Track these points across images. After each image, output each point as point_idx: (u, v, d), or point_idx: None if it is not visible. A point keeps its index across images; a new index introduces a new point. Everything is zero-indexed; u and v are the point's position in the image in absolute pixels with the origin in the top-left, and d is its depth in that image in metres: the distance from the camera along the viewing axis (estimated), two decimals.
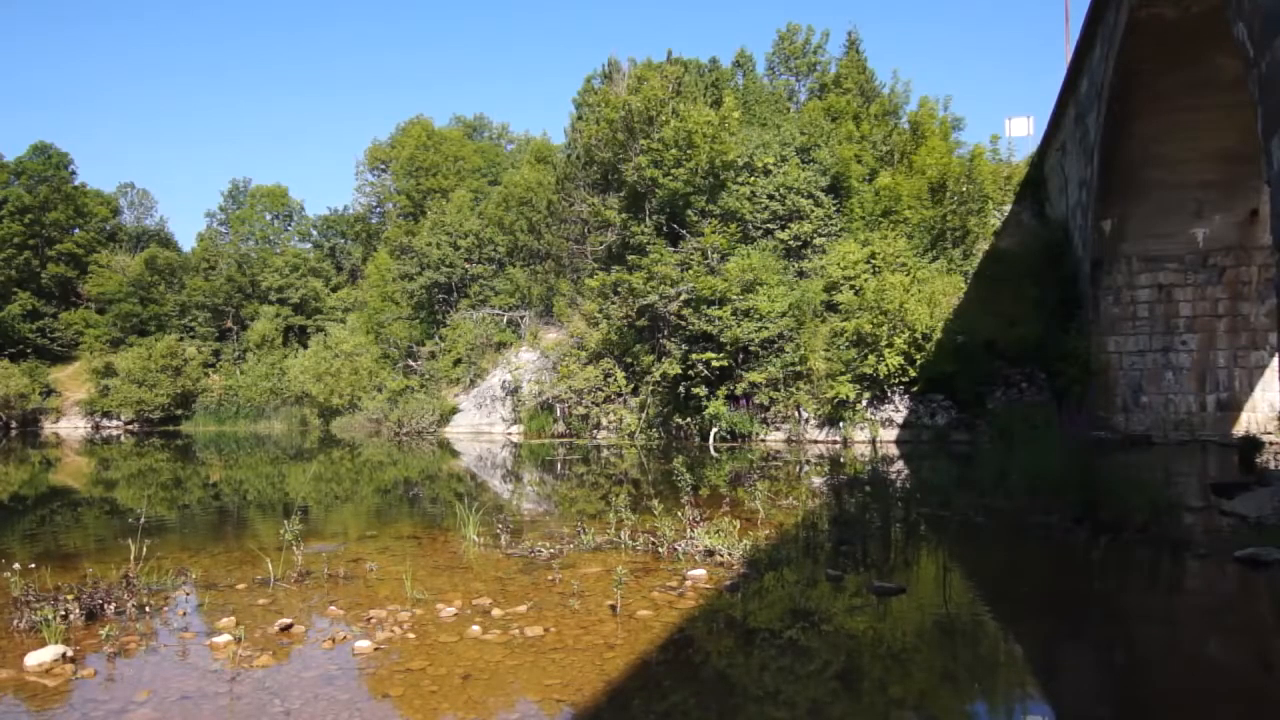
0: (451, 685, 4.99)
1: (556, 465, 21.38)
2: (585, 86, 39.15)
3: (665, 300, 27.40)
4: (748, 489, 13.39)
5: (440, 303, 40.22)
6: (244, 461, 25.28)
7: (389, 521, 12.35)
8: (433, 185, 45.21)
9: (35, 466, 25.06)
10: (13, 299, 48.79)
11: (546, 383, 31.54)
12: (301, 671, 5.28)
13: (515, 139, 57.18)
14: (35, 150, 51.95)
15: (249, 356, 48.46)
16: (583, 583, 7.41)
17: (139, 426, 44.92)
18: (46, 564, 8.12)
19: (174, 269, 52.62)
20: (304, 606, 6.88)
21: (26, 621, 6.21)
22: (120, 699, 4.84)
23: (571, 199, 34.93)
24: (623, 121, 30.85)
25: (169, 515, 13.28)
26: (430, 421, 34.70)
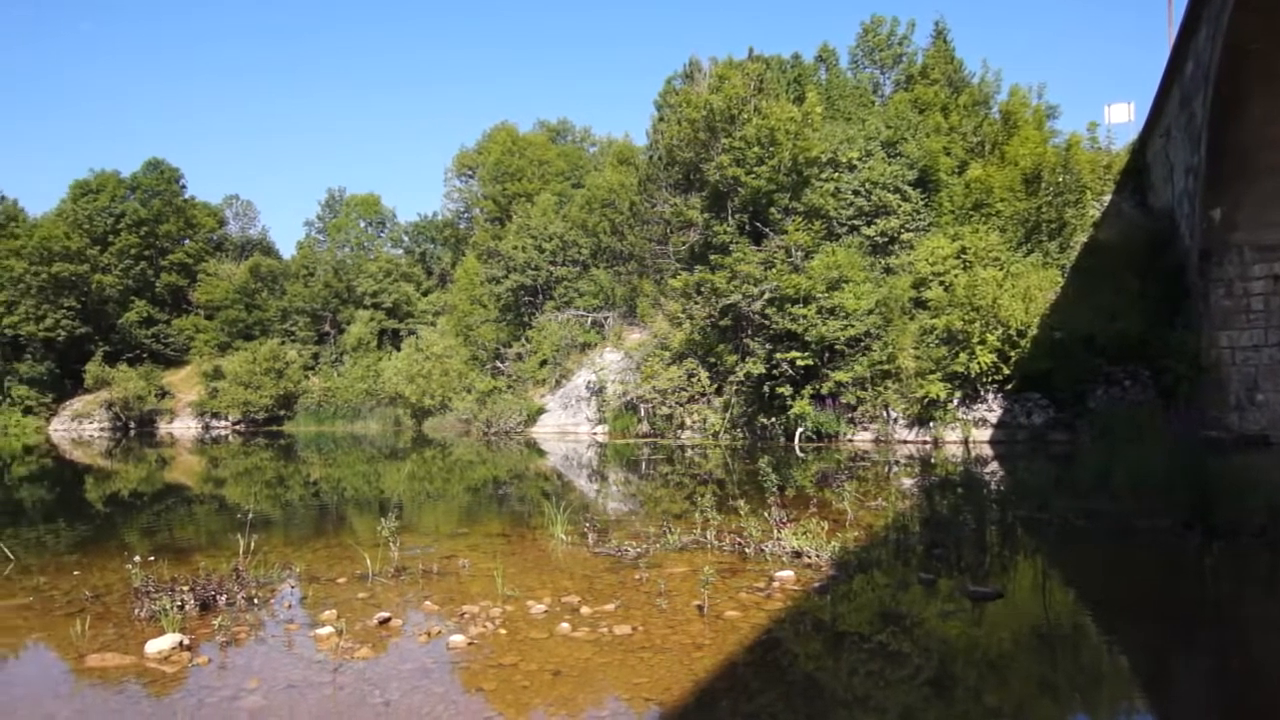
0: (542, 681, 5.10)
1: (641, 465, 21.49)
2: (666, 87, 39.25)
3: (749, 299, 27.23)
4: (835, 490, 13.20)
5: (526, 305, 40.89)
6: (342, 460, 26.25)
7: (479, 519, 12.66)
8: (518, 190, 46.02)
9: (151, 465, 26.58)
10: (130, 307, 51.79)
11: (630, 383, 31.70)
12: (399, 664, 5.48)
13: (597, 141, 57.74)
14: (149, 166, 55.06)
15: (346, 359, 50.28)
16: (669, 582, 7.46)
17: (245, 427, 47.12)
18: (163, 557, 8.65)
19: (275, 276, 55.01)
20: (401, 601, 7.12)
21: (146, 611, 6.62)
22: (232, 686, 5.12)
23: (654, 199, 35.04)
24: (704, 121, 30.79)
25: (273, 512, 13.92)
26: (517, 421, 35.32)
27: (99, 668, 5.49)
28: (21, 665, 5.81)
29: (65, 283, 47.82)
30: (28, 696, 5.05)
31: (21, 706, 4.83)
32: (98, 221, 50.69)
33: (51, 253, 47.34)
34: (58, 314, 47.64)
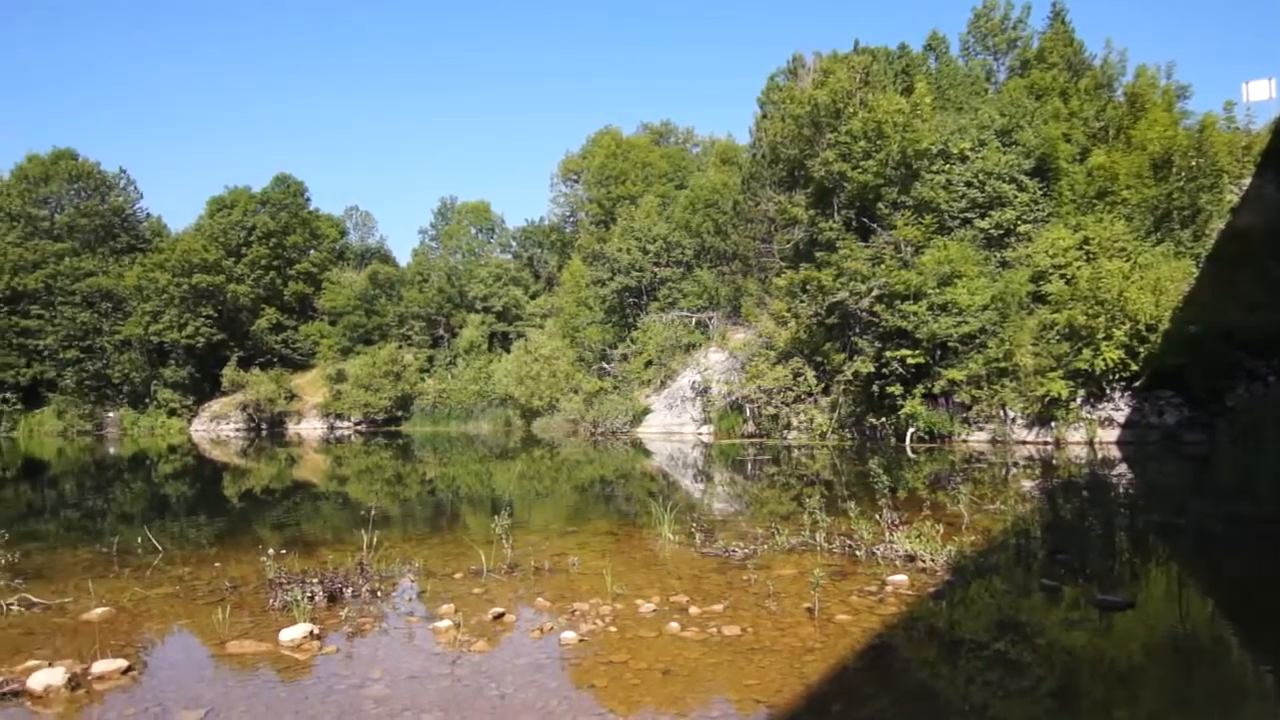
0: (652, 679, 5.15)
1: (747, 465, 21.36)
2: (769, 84, 38.85)
3: (856, 297, 26.67)
4: (950, 492, 12.79)
5: (631, 306, 41.23)
6: (455, 460, 27.11)
7: (587, 518, 12.86)
8: (622, 192, 46.47)
9: (281, 463, 28.13)
10: (261, 314, 54.91)
11: (735, 383, 31.55)
12: (514, 658, 5.64)
13: (700, 142, 57.69)
14: (277, 181, 58.28)
15: (459, 362, 51.90)
16: (778, 584, 7.40)
17: (366, 427, 49.26)
18: (293, 550, 9.15)
19: (393, 283, 57.30)
20: (513, 596, 7.32)
21: (280, 601, 7.02)
22: (358, 675, 5.38)
23: (757, 198, 34.77)
24: (809, 117, 30.35)
25: (393, 508, 14.52)
26: (623, 422, 35.66)
27: (238, 654, 5.86)
28: (170, 650, 6.26)
29: (204, 293, 51.12)
30: (176, 679, 5.44)
31: (170, 688, 5.21)
32: (232, 235, 53.99)
33: (191, 265, 50.70)
34: (197, 322, 50.97)
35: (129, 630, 6.52)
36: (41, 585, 7.91)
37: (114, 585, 7.98)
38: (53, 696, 4.98)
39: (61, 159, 53.55)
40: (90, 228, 53.35)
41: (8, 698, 4.94)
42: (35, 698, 4.96)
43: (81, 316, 50.59)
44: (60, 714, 4.75)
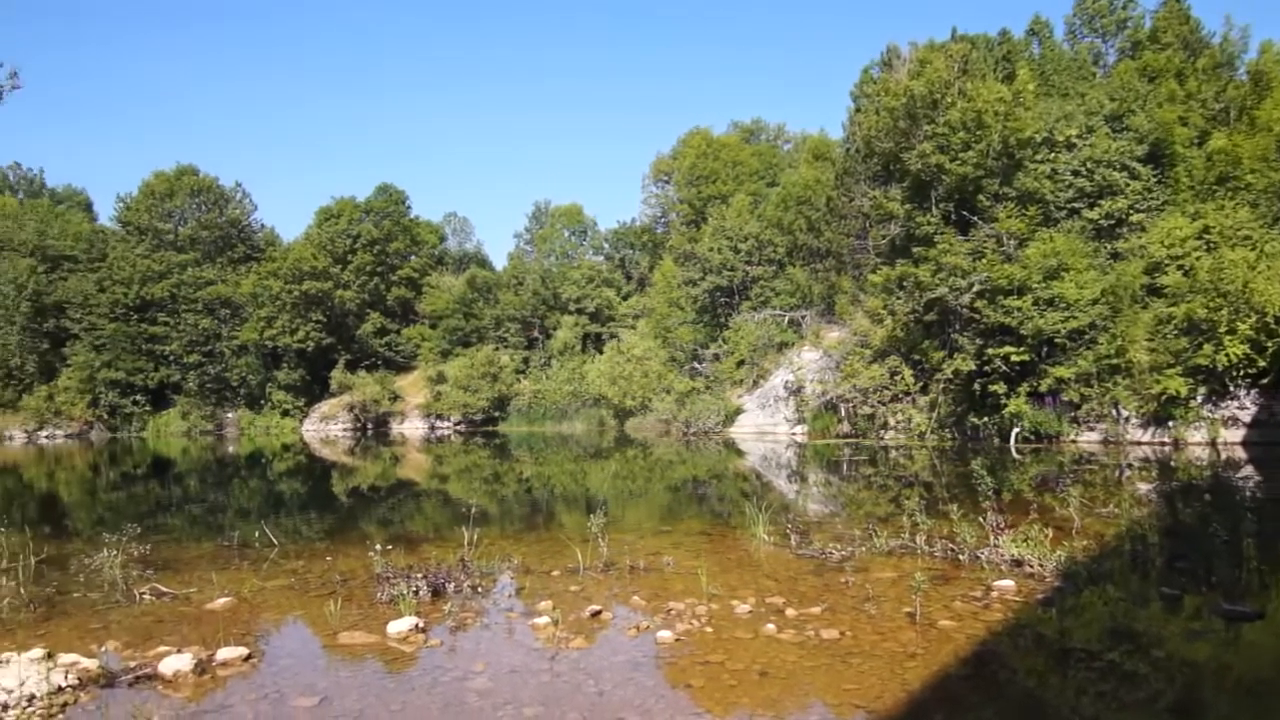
0: (749, 681, 5.13)
1: (842, 466, 21.01)
2: (863, 77, 38.10)
3: (956, 292, 25.86)
4: (1058, 495, 12.28)
5: (723, 306, 41.09)
6: (550, 459, 27.56)
7: (680, 518, 12.88)
8: (713, 192, 46.36)
9: (385, 462, 29.17)
10: (366, 318, 57.07)
11: (830, 382, 31.06)
12: (611, 656, 5.70)
13: (792, 138, 57.02)
14: (379, 190, 60.44)
15: (553, 363, 52.77)
16: (876, 587, 7.26)
17: (465, 427, 50.58)
18: (398, 545, 9.47)
19: (489, 286, 58.70)
20: (609, 594, 7.40)
21: (387, 595, 7.29)
22: (461, 668, 5.54)
23: (851, 194, 34.12)
24: (904, 109, 29.59)
25: (491, 506, 14.88)
26: (715, 422, 35.54)
27: (349, 644, 6.12)
28: (286, 639, 6.58)
29: (313, 299, 53.47)
30: (292, 667, 5.71)
31: (287, 676, 5.48)
32: (338, 243, 56.28)
33: (301, 272, 53.12)
34: (307, 326, 53.35)
35: (248, 619, 6.89)
36: (170, 576, 8.44)
37: (234, 576, 8.44)
38: (181, 681, 5.31)
39: (184, 175, 56.85)
40: (210, 239, 56.48)
41: (141, 680, 5.29)
42: (166, 681, 5.29)
43: (203, 323, 53.61)
44: (188, 698, 5.05)
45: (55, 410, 51.78)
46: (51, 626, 6.66)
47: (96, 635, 6.35)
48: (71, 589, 7.98)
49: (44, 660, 5.42)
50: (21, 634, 6.37)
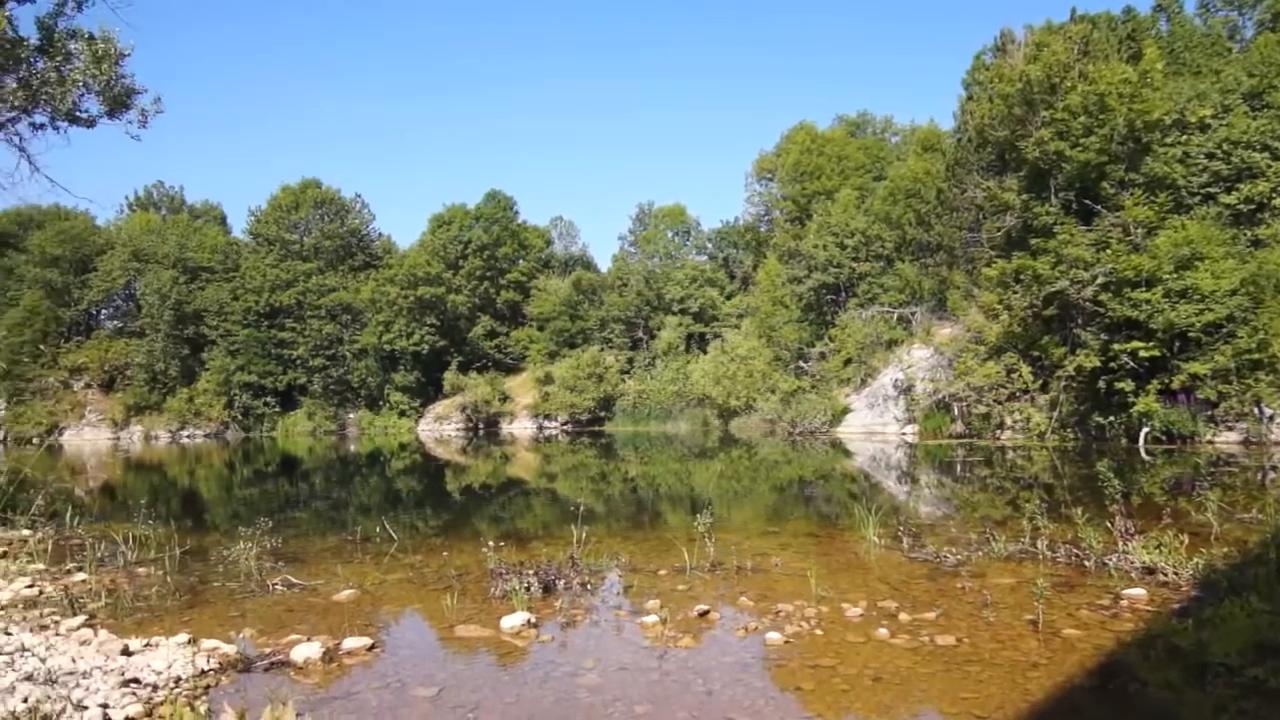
0: (861, 686, 5.03)
1: (955, 467, 20.32)
2: (975, 64, 36.73)
3: (1078, 285, 24.63)
4: (1194, 498, 11.52)
5: (829, 303, 40.40)
6: (656, 459, 27.71)
7: (787, 519, 12.73)
8: (817, 188, 45.63)
9: (496, 461, 29.96)
10: (477, 321, 58.87)
11: (942, 380, 30.12)
12: (719, 656, 5.70)
13: (900, 130, 55.52)
14: (489, 197, 62.21)
15: (657, 363, 53.10)
16: (995, 593, 6.99)
17: (571, 426, 51.45)
18: (509, 542, 9.73)
19: (594, 288, 59.56)
20: (716, 595, 7.39)
21: (500, 590, 7.50)
22: (572, 664, 5.64)
23: (963, 185, 32.94)
24: (1020, 95, 28.36)
25: (598, 505, 15.08)
26: (822, 421, 34.97)
27: (465, 637, 6.33)
28: (406, 631, 6.85)
29: (427, 303, 55.52)
30: (412, 658, 5.95)
31: (407, 666, 5.71)
32: (450, 249, 58.25)
33: (416, 278, 55.26)
34: (422, 330, 55.44)
35: (371, 611, 7.21)
36: (299, 568, 8.91)
37: (357, 570, 8.85)
38: (310, 668, 5.61)
39: (308, 188, 59.94)
40: (332, 248, 59.35)
41: (275, 666, 5.62)
42: (297, 668, 5.60)
43: (326, 328, 56.40)
44: (317, 684, 5.33)
45: (195, 411, 55.58)
46: (194, 614, 7.14)
47: (234, 622, 6.77)
48: (212, 579, 8.53)
49: (188, 645, 5.83)
50: (169, 620, 6.86)
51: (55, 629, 6.31)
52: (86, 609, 7.09)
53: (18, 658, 5.30)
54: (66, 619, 6.60)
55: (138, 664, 5.36)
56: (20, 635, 5.95)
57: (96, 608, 7.20)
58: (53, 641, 5.82)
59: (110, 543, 9.92)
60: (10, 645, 5.59)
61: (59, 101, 12.34)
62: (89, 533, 10.70)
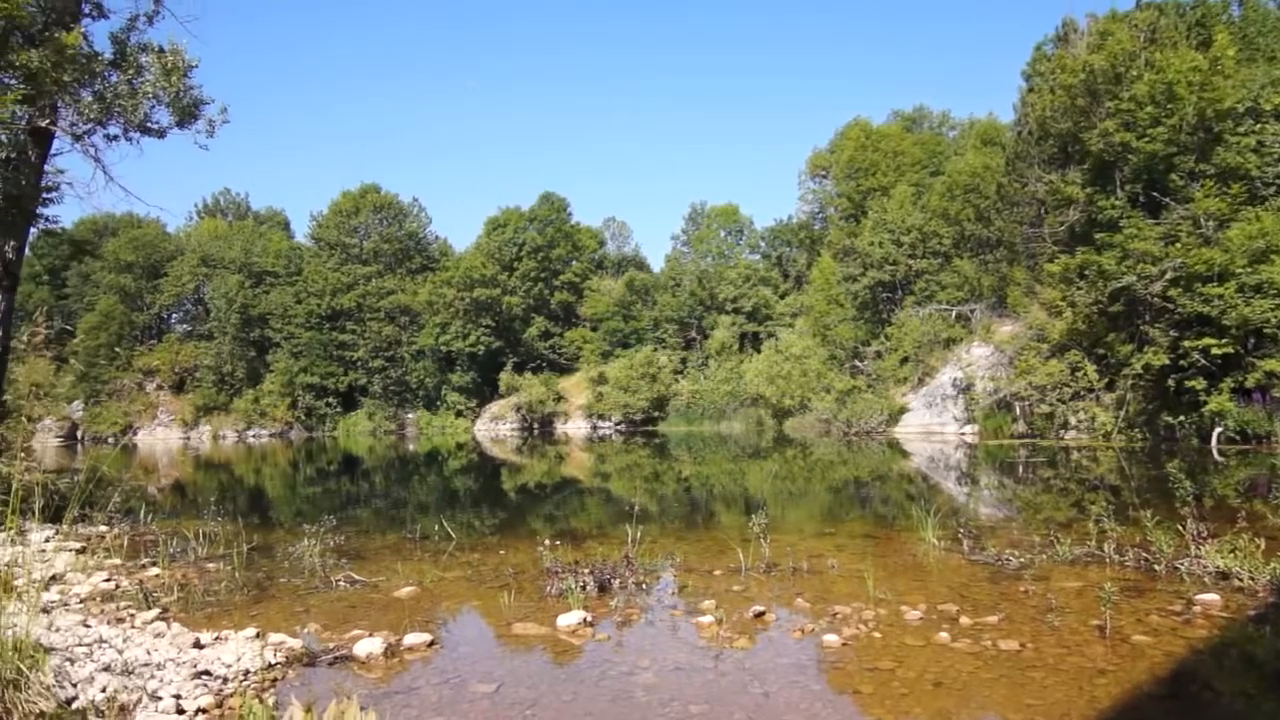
0: (922, 690, 4.95)
1: (1017, 468, 19.87)
2: (1036, 55, 35.85)
3: (1145, 280, 23.87)
4: (1271, 501, 11.08)
5: (885, 301, 39.86)
6: (709, 459, 27.64)
7: (843, 520, 12.60)
8: (873, 184, 45.05)
9: (550, 460, 30.21)
10: (531, 323, 59.52)
11: (1003, 379, 29.48)
12: (775, 657, 5.66)
13: (957, 125, 54.48)
14: (543, 199, 62.83)
15: (710, 363, 52.99)
16: (1060, 597, 6.82)
17: (625, 426, 51.64)
18: (564, 541, 9.79)
19: (647, 288, 59.72)
20: (772, 596, 7.35)
21: (555, 589, 7.56)
22: (627, 663, 5.66)
23: (1024, 179, 32.18)
24: (1083, 85, 27.59)
25: (651, 504, 15.10)
26: (878, 421, 34.51)
27: (522, 635, 6.40)
28: (465, 627, 6.95)
29: (483, 305, 56.32)
30: (471, 655, 6.04)
31: (466, 663, 5.80)
32: (505, 251, 58.99)
33: (472, 280, 56.11)
34: (478, 331, 56.27)
35: (430, 608, 7.33)
36: (360, 564, 9.11)
37: (416, 567, 9.01)
38: (373, 662, 5.73)
39: (368, 193, 61.24)
40: (391, 251, 60.54)
41: (339, 661, 5.75)
42: (359, 663, 5.73)
43: (385, 330, 57.56)
44: (379, 679, 5.45)
45: (260, 412, 57.22)
46: (261, 608, 7.35)
47: (299, 617, 6.95)
48: (278, 575, 8.77)
49: (256, 639, 6.00)
50: (237, 614, 7.07)
51: (131, 622, 6.55)
52: (160, 603, 7.34)
53: (96, 649, 5.52)
54: (141, 612, 6.85)
55: (208, 656, 5.53)
56: (98, 627, 6.19)
57: (169, 601, 7.46)
58: (129, 634, 6.05)
59: (181, 539, 10.27)
60: (90, 637, 5.82)
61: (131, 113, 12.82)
62: (162, 529, 11.09)
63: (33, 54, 11.87)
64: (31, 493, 5.94)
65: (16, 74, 12.31)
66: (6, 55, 12.12)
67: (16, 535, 5.52)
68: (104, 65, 12.98)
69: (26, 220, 13.54)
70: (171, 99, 13.15)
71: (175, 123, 13.58)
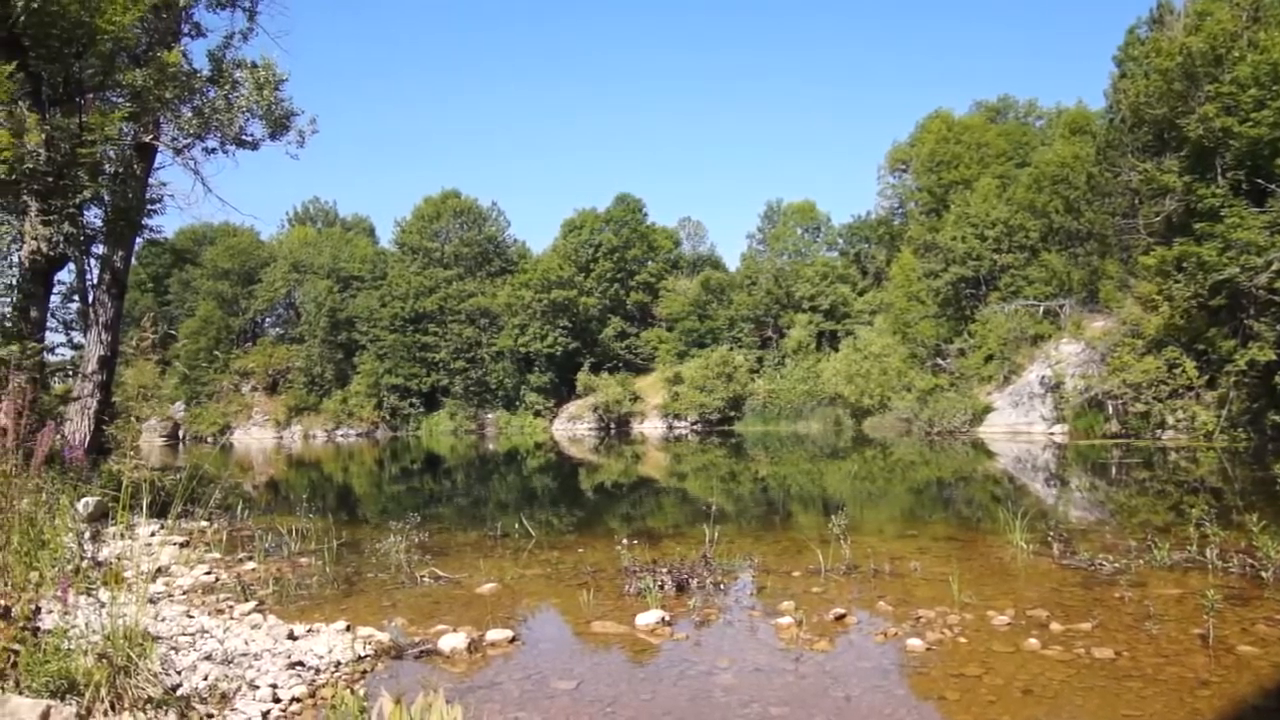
0: (1010, 698, 4.81)
1: (1110, 469, 19.10)
2: (1128, 39, 34.37)
3: (1250, 272, 22.67)
4: None
5: (968, 298, 38.80)
6: (786, 459, 27.37)
7: (926, 522, 12.33)
8: (955, 177, 43.88)
9: (627, 460, 30.37)
10: (608, 323, 59.97)
11: (1094, 377, 28.40)
12: (857, 661, 5.58)
13: (1045, 114, 52.62)
14: (618, 200, 63.25)
15: (787, 362, 52.48)
16: (1157, 604, 6.54)
17: (701, 426, 51.54)
18: (641, 540, 9.83)
19: (723, 288, 59.48)
20: (852, 598, 7.24)
21: (633, 588, 7.60)
22: (706, 663, 5.65)
23: (1117, 168, 30.91)
24: (1180, 69, 26.34)
25: (728, 504, 15.04)
26: (962, 421, 33.61)
27: (601, 633, 6.46)
28: (545, 624, 7.06)
29: (560, 306, 57.01)
30: (551, 651, 6.13)
31: (547, 659, 5.89)
32: (581, 252, 59.61)
33: (550, 282, 56.86)
34: (555, 332, 56.99)
35: (511, 604, 7.47)
36: (444, 561, 9.34)
37: (497, 564, 9.18)
38: (457, 657, 5.87)
39: (448, 198, 62.65)
40: (471, 255, 61.81)
41: (424, 655, 5.91)
42: (444, 657, 5.87)
43: (466, 332, 58.79)
44: (463, 673, 5.57)
45: (348, 412, 59.16)
46: (350, 602, 7.60)
47: (386, 611, 7.16)
48: (365, 570, 9.06)
49: (346, 632, 6.22)
50: (328, 608, 7.33)
51: (230, 613, 6.86)
52: (256, 595, 7.67)
53: (198, 638, 5.81)
54: (239, 604, 7.17)
55: (302, 648, 5.76)
56: (200, 618, 6.51)
57: (265, 594, 7.78)
58: (228, 625, 6.34)
59: (276, 534, 10.70)
60: (192, 627, 6.13)
61: (228, 127, 13.43)
62: (257, 525, 11.57)
63: (138, 73, 12.55)
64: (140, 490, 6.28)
65: (123, 92, 13.04)
66: (114, 75, 12.84)
67: (126, 530, 5.83)
68: (202, 82, 13.64)
69: (133, 231, 14.32)
70: (264, 112, 13.73)
71: (268, 134, 14.19)
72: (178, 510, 8.43)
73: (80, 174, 12.71)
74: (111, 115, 12.46)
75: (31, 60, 12.53)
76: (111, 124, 12.38)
